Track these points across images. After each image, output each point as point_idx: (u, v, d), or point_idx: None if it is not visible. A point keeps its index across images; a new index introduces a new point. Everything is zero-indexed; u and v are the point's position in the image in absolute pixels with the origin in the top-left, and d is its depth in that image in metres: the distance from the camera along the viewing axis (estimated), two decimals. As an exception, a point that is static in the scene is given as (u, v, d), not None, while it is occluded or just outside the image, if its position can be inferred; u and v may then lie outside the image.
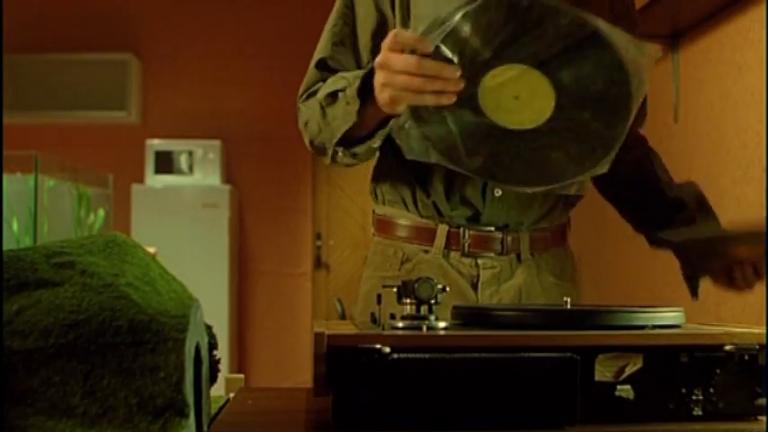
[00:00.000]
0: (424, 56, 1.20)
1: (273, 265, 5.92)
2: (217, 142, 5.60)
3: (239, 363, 5.78)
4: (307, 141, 1.50)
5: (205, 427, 0.88)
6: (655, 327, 0.97)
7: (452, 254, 1.49)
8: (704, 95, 3.12)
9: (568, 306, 1.07)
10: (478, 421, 0.88)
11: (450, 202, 1.48)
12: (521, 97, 1.27)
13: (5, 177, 3.78)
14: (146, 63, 5.84)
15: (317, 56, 1.53)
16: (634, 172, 1.63)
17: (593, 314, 0.98)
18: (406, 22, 1.47)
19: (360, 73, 1.35)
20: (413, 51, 1.21)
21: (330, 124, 1.40)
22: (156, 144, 5.55)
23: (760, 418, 0.95)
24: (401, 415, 0.87)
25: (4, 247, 0.86)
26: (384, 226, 1.56)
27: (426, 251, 1.50)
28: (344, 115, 1.36)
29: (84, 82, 5.56)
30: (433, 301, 0.97)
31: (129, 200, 5.41)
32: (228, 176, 5.75)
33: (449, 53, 1.24)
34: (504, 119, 1.27)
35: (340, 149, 1.42)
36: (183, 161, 5.55)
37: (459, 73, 1.20)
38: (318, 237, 5.96)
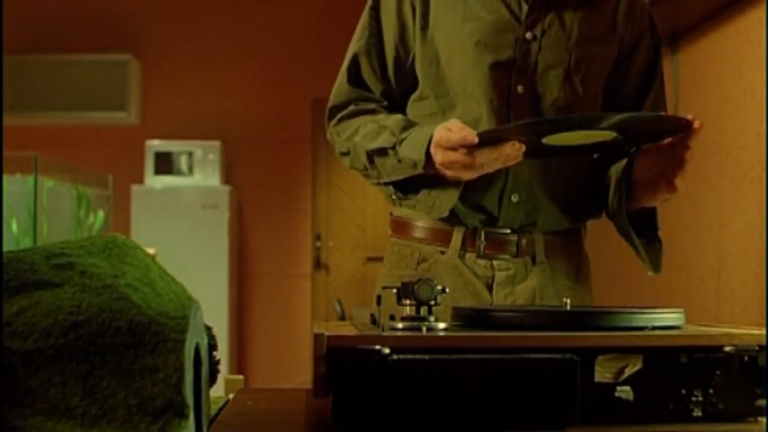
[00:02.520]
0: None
1: (273, 266, 5.91)
2: (216, 143, 5.60)
3: (239, 363, 5.78)
4: (346, 165, 1.58)
5: (205, 428, 0.88)
6: (654, 328, 0.97)
7: (468, 255, 1.51)
8: (704, 96, 3.12)
9: (568, 307, 1.07)
10: (478, 422, 0.88)
11: (466, 208, 1.48)
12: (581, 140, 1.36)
13: (5, 178, 3.78)
14: (146, 63, 5.83)
15: (345, 68, 1.57)
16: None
17: (593, 315, 0.98)
18: (424, 31, 1.51)
19: (403, 133, 1.45)
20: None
21: (378, 168, 1.49)
22: (155, 145, 5.54)
23: (760, 419, 0.95)
24: (401, 416, 0.87)
25: (4, 248, 0.86)
26: (401, 227, 1.58)
27: (442, 252, 1.52)
28: (394, 170, 1.47)
29: (84, 82, 5.55)
30: (432, 303, 0.97)
31: (128, 201, 5.41)
32: (228, 177, 5.74)
33: None
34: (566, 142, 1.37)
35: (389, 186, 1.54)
36: (182, 162, 5.55)
37: (518, 146, 1.30)
38: (318, 238, 5.95)
